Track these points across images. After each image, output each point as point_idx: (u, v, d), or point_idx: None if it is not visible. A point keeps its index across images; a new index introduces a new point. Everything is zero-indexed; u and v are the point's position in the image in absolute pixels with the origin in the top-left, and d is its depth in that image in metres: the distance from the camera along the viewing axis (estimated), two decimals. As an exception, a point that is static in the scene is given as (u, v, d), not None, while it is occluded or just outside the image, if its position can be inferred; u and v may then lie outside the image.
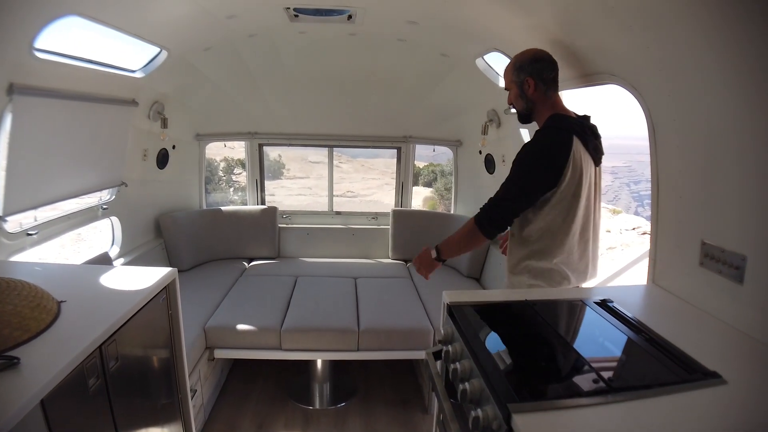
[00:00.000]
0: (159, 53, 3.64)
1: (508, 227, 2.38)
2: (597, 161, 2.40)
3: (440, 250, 2.52)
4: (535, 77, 2.34)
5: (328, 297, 4.15)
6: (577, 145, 2.22)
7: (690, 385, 1.41)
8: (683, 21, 1.75)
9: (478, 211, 2.36)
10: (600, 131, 2.45)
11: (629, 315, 1.89)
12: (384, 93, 4.95)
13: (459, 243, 2.47)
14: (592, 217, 2.39)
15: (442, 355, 1.87)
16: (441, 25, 3.52)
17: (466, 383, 1.52)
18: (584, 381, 1.45)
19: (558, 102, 2.42)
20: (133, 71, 3.60)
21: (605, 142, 2.47)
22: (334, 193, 5.85)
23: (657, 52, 1.99)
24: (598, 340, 1.79)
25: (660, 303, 2.13)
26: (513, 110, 2.63)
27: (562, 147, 2.20)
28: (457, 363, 1.66)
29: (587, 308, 2.01)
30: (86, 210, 3.58)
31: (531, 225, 2.34)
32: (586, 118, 2.41)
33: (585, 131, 2.31)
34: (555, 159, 2.19)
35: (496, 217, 2.31)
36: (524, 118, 2.50)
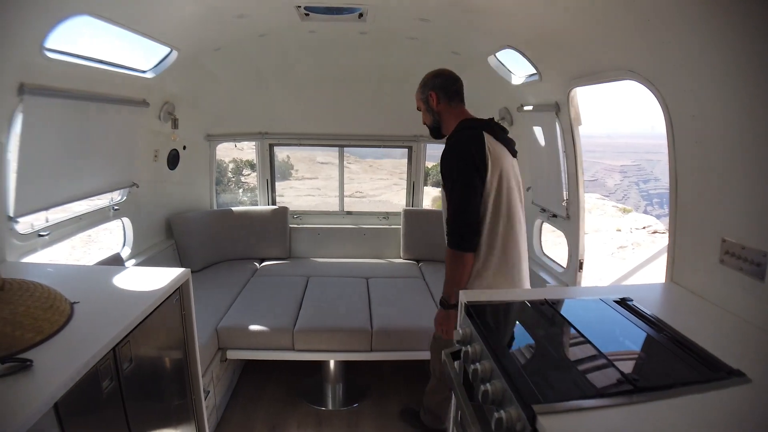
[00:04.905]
0: (169, 53, 3.63)
1: (481, 230, 2.45)
2: (513, 153, 2.59)
3: (443, 299, 2.60)
4: (437, 90, 2.61)
5: (340, 297, 4.13)
6: (489, 139, 2.42)
7: (714, 384, 1.40)
8: (702, 16, 1.73)
9: (447, 239, 2.48)
10: (508, 129, 2.67)
11: (649, 313, 1.88)
12: (395, 92, 4.90)
13: (452, 278, 2.51)
14: (516, 208, 2.52)
15: (461, 355, 1.84)
16: (453, 23, 3.48)
17: (488, 384, 1.49)
18: (608, 381, 1.44)
19: (464, 111, 2.64)
20: (143, 72, 3.60)
21: (614, 141, 2.52)
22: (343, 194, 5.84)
23: (676, 47, 1.97)
24: (620, 339, 1.77)
25: (680, 301, 2.12)
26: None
27: (476, 141, 2.40)
28: (477, 364, 1.63)
29: (607, 307, 1.99)
30: (97, 211, 3.57)
31: None
32: (492, 119, 2.59)
33: (492, 126, 2.53)
34: (475, 154, 2.37)
35: (464, 224, 2.41)
36: (436, 132, 2.71)
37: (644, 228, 11.33)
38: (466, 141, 2.43)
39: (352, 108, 5.15)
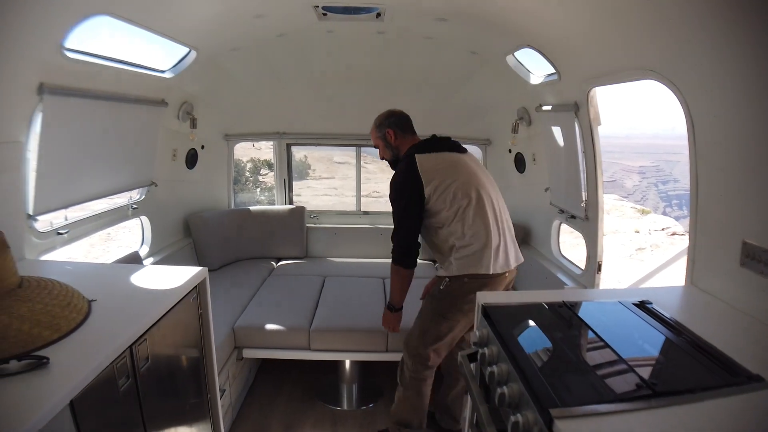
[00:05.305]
0: (188, 53, 3.65)
1: (418, 250, 2.89)
2: (460, 150, 2.95)
3: (391, 303, 3.06)
4: (392, 127, 2.99)
5: (356, 297, 4.12)
6: (421, 159, 2.77)
7: (733, 389, 1.38)
8: (724, 14, 1.71)
9: (391, 255, 2.89)
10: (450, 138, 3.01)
11: (668, 317, 1.86)
12: (411, 92, 4.89)
13: (397, 287, 2.98)
14: (485, 196, 2.76)
15: (478, 357, 1.83)
16: (471, 22, 3.46)
17: (504, 387, 1.48)
18: (627, 385, 1.42)
19: (415, 139, 3.01)
20: (162, 71, 3.62)
21: (633, 142, 2.54)
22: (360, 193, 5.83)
23: (697, 46, 1.95)
24: (638, 343, 1.75)
25: (699, 304, 2.09)
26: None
27: (407, 169, 2.77)
28: (494, 366, 1.62)
29: (626, 310, 1.97)
30: (116, 209, 3.61)
31: (433, 234, 2.85)
32: (432, 136, 2.98)
33: (426, 144, 2.91)
34: (409, 181, 2.74)
35: (404, 246, 2.85)
36: (395, 165, 3.02)
37: (663, 230, 11.19)
38: (401, 172, 2.84)
39: (369, 108, 5.10)
